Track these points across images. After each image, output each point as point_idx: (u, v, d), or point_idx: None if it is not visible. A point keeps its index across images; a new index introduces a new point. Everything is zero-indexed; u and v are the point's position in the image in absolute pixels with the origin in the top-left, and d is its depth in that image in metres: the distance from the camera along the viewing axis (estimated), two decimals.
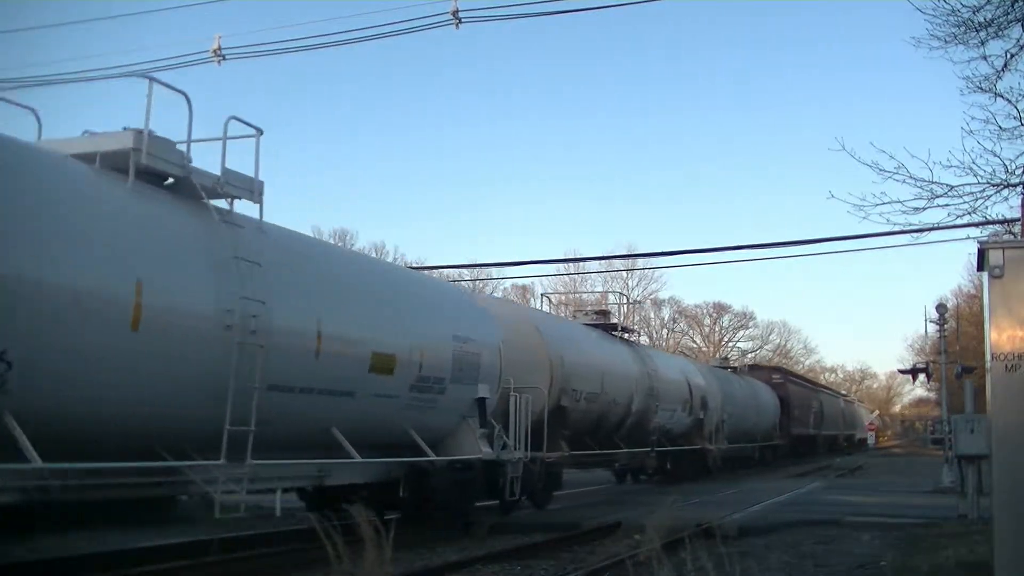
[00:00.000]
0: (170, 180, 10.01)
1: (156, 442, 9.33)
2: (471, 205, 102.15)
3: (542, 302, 26.48)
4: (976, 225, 14.71)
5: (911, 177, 13.18)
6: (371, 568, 7.44)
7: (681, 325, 75.61)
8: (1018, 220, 15.05)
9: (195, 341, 9.32)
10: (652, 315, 71.84)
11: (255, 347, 9.78)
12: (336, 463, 11.96)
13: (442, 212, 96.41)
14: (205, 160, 10.29)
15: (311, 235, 16.89)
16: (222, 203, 10.46)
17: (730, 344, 78.02)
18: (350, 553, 7.48)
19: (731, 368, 41.84)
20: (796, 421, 45.98)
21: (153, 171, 9.71)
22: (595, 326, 23.95)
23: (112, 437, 8.74)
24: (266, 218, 11.17)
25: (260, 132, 10.73)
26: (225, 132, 10.35)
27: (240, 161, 10.62)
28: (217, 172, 10.27)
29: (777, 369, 52.79)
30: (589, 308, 25.98)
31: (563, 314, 35.07)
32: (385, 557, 7.49)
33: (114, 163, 9.34)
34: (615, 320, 25.55)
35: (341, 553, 7.33)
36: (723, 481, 27.89)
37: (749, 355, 74.88)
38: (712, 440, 29.82)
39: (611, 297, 47.85)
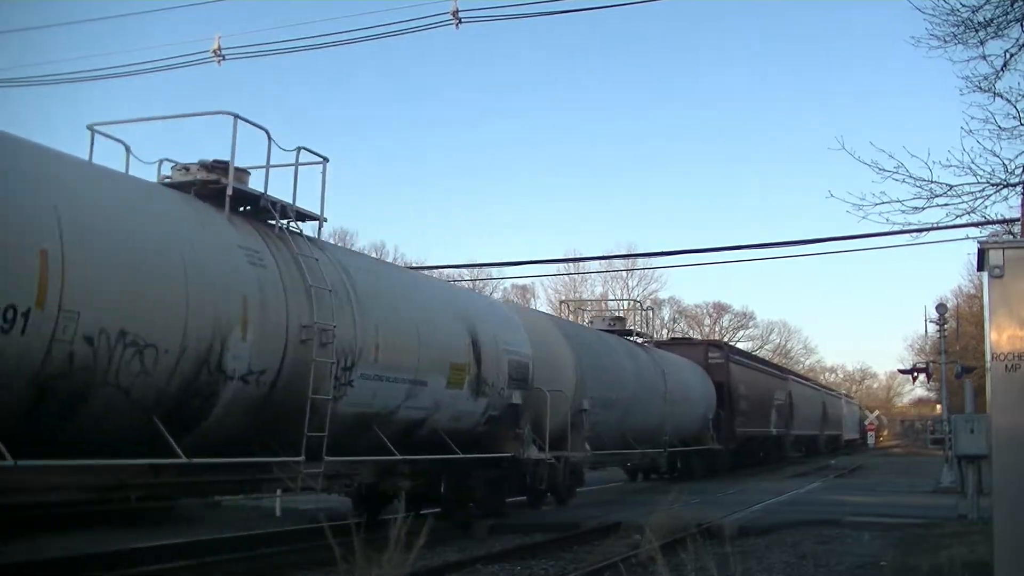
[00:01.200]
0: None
1: None
2: (471, 205, 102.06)
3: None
4: (976, 225, 14.74)
5: (910, 176, 13.22)
6: (375, 569, 7.42)
7: (681, 325, 75.56)
8: (1018, 220, 15.08)
9: None
10: (652, 315, 71.92)
11: None
12: None
13: (442, 212, 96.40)
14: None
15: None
16: None
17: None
18: (357, 553, 7.46)
19: (628, 334, 26.12)
20: (745, 417, 33.39)
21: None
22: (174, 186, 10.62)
23: None
24: None
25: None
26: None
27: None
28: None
29: (716, 344, 36.91)
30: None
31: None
32: (408, 558, 7.39)
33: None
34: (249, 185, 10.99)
35: (357, 553, 7.29)
36: (726, 481, 27.83)
37: None
38: (548, 444, 16.46)
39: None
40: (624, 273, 65.71)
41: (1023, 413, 6.99)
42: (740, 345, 67.93)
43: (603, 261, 58.58)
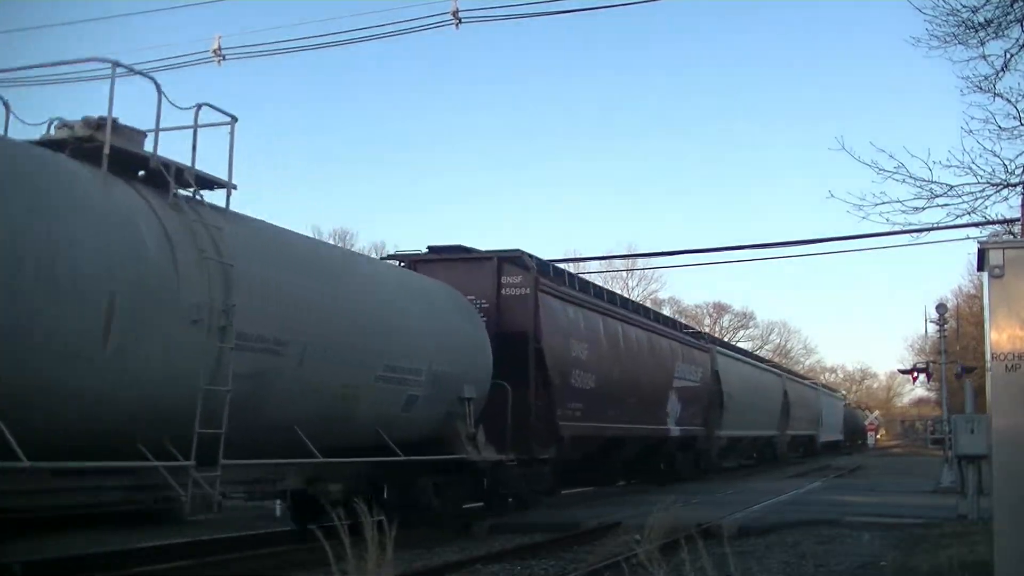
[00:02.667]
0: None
1: None
2: (471, 205, 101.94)
3: None
4: (976, 225, 14.76)
5: (911, 177, 13.26)
6: (372, 569, 7.42)
7: None
8: (1018, 220, 15.11)
9: None
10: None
11: None
12: None
13: (443, 212, 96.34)
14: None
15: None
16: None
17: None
18: (352, 553, 7.46)
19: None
20: (588, 403, 18.59)
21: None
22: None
23: None
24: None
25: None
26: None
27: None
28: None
29: (515, 261, 17.31)
30: None
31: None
32: (386, 557, 7.46)
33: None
34: None
35: (345, 553, 7.30)
36: (722, 481, 27.80)
37: None
38: None
39: None
40: (624, 273, 65.67)
41: (1023, 413, 6.99)
42: (741, 345, 63.30)
43: (603, 261, 58.46)
